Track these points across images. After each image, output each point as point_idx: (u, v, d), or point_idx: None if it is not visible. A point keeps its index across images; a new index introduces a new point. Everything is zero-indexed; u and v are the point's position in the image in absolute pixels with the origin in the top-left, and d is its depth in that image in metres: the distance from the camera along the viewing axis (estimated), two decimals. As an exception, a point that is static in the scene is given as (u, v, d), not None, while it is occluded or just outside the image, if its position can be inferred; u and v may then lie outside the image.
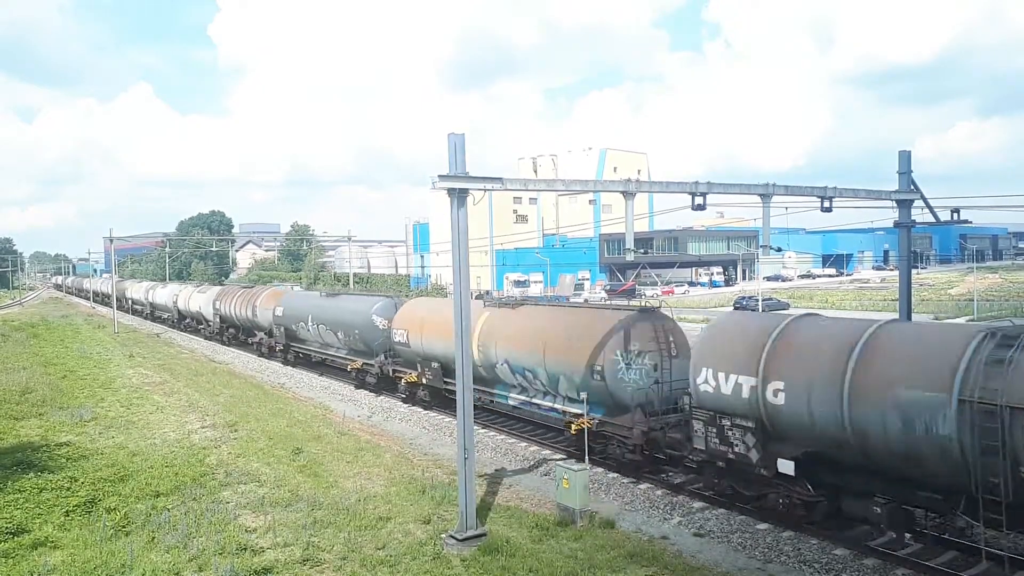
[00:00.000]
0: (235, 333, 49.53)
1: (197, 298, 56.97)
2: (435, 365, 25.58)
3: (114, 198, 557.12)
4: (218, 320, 51.24)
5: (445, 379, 25.16)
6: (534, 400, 21.57)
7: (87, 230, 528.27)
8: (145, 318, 74.73)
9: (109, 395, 29.40)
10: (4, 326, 58.87)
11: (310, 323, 35.37)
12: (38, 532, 14.36)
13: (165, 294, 68.64)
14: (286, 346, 39.53)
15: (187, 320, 60.40)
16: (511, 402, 22.86)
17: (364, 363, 30.86)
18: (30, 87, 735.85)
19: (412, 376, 27.14)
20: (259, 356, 43.08)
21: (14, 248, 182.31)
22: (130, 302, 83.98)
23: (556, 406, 20.60)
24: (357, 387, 31.88)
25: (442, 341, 24.09)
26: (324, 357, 36.03)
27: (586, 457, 17.94)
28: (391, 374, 29.13)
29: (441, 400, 26.59)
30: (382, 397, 29.84)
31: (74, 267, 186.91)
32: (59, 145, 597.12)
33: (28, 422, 24.23)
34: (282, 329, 39.19)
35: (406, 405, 28.24)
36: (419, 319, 27.06)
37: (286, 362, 39.66)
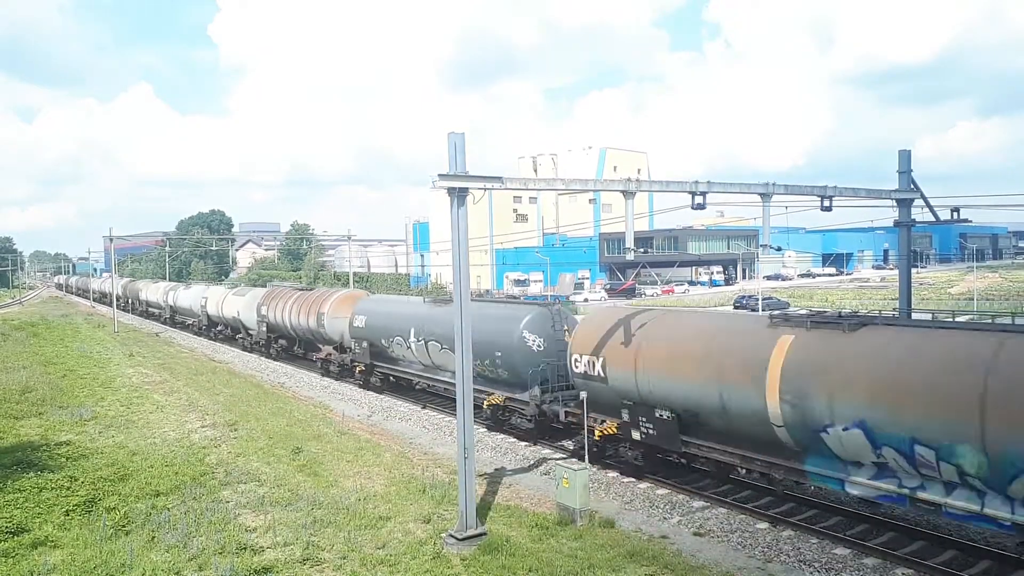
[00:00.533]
0: (287, 345, 41.82)
1: (234, 302, 49.05)
2: (663, 415, 17.05)
3: (114, 198, 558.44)
4: (264, 329, 42.92)
5: (684, 437, 16.97)
6: (923, 495, 12.87)
7: (87, 230, 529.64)
8: (164, 323, 67.57)
9: (109, 394, 29.40)
10: (4, 325, 58.84)
11: (411, 339, 27.24)
12: (38, 531, 14.36)
13: (190, 296, 60.12)
14: (369, 367, 31.40)
15: (219, 327, 53.03)
16: (853, 490, 14.00)
17: (509, 398, 22.76)
18: (30, 87, 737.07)
19: (610, 426, 18.68)
20: (324, 376, 35.70)
21: (14, 247, 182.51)
22: (145, 304, 77.05)
23: (999, 513, 11.85)
24: (491, 429, 23.65)
25: (683, 377, 16.51)
26: (430, 383, 28.65)
27: (586, 457, 17.92)
28: (561, 418, 20.57)
29: (659, 466, 18.38)
30: (536, 446, 21.85)
31: (74, 266, 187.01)
32: (59, 145, 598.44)
33: (28, 421, 24.23)
34: (364, 345, 31.08)
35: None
36: (632, 342, 18.03)
37: (367, 386, 31.99)
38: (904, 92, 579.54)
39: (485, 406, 23.20)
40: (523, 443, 22.35)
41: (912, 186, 20.27)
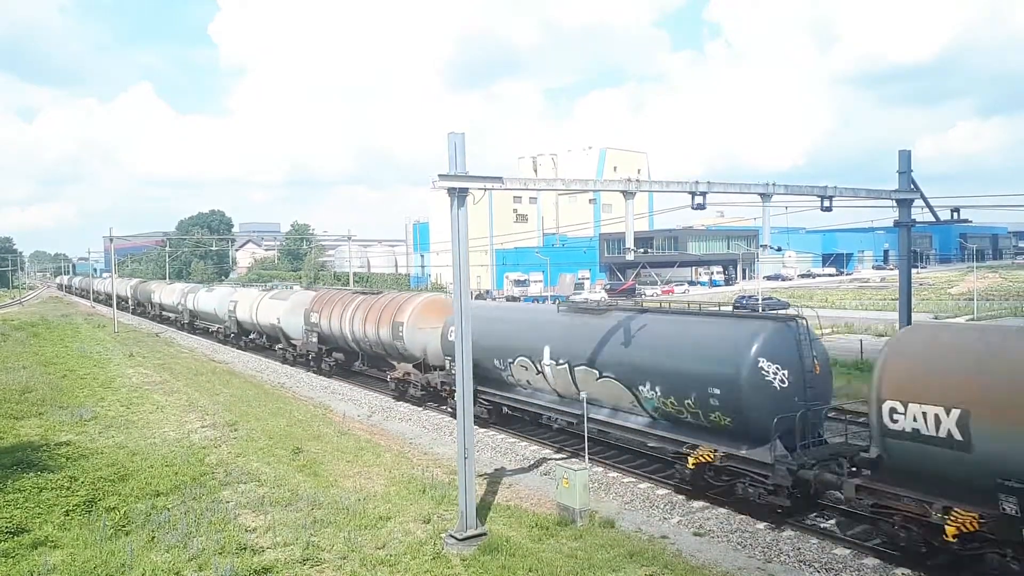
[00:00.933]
0: (344, 360, 35.27)
1: (272, 306, 42.20)
2: None
3: (114, 198, 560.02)
4: (314, 340, 36.17)
5: None
6: None
7: (87, 230, 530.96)
8: (181, 328, 61.30)
9: (109, 394, 29.40)
10: (4, 325, 58.84)
11: (546, 360, 20.49)
12: (38, 532, 14.36)
13: (214, 300, 53.58)
14: (472, 393, 21.88)
15: (251, 336, 46.58)
16: None
17: (729, 455, 15.85)
18: (31, 87, 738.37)
19: (966, 519, 11.79)
20: (396, 399, 29.25)
21: (14, 248, 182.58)
22: (158, 308, 70.57)
23: None
24: (690, 496, 16.81)
25: None
26: (570, 421, 20.76)
27: (586, 457, 17.92)
28: (843, 494, 13.68)
29: None
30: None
31: (74, 267, 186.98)
32: (59, 145, 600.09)
33: (28, 421, 24.23)
34: None
35: (406, 404, 27.10)
36: None
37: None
38: (904, 92, 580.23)
39: (691, 464, 16.08)
40: (523, 443, 22.29)
41: (912, 186, 20.27)
